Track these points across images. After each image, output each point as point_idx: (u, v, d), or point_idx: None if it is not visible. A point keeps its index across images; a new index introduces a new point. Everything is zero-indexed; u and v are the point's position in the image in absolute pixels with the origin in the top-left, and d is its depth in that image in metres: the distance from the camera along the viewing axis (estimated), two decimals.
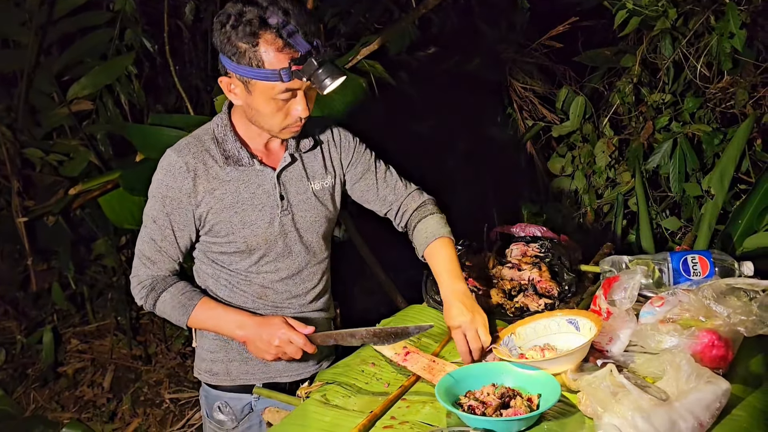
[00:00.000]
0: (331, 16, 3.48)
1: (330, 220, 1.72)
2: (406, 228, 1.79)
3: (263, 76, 1.44)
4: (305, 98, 1.51)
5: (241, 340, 1.60)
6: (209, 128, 1.63)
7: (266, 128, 1.56)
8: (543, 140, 3.16)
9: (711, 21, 2.64)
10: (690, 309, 1.45)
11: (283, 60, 1.43)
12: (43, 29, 3.32)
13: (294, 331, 1.53)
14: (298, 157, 1.65)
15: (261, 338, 1.55)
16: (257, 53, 1.42)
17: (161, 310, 1.62)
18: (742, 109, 2.70)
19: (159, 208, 1.58)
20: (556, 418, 1.30)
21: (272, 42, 1.42)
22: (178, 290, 1.61)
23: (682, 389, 1.25)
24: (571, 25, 3.02)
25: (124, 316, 3.62)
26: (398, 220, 1.79)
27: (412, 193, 1.79)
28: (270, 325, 1.55)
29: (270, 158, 1.63)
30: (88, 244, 3.64)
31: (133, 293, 1.66)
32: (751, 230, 2.42)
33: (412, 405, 1.40)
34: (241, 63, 1.45)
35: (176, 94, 3.43)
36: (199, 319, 1.60)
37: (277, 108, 1.50)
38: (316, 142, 1.68)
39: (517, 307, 1.73)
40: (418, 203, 1.77)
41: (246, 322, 1.58)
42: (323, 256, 1.73)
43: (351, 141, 1.74)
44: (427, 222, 1.72)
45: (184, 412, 3.20)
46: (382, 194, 1.77)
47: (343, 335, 1.58)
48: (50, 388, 3.38)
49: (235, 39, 1.43)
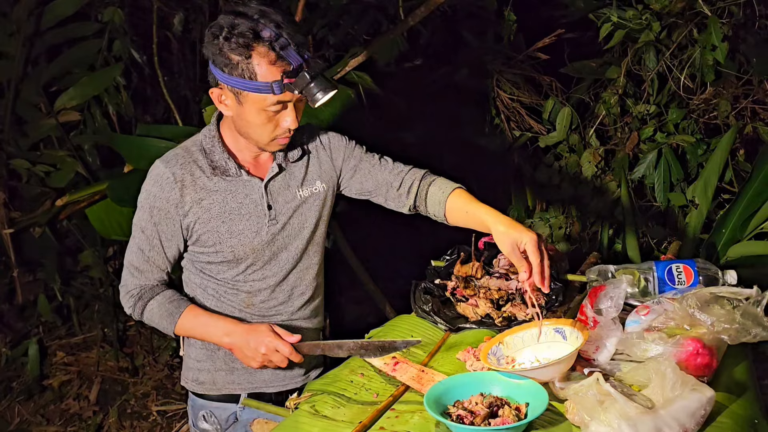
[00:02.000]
0: (319, 27, 3.50)
1: (319, 225, 1.72)
2: (415, 201, 1.73)
3: (255, 88, 1.46)
4: (295, 110, 1.52)
5: (227, 347, 1.60)
6: (197, 139, 1.64)
7: (255, 139, 1.57)
8: (530, 150, 3.19)
9: (694, 34, 2.69)
10: (675, 318, 1.46)
11: (276, 73, 1.45)
12: (30, 40, 3.31)
13: (280, 340, 1.54)
14: (285, 167, 1.67)
15: (248, 345, 1.55)
16: (250, 65, 1.44)
17: (149, 318, 1.63)
18: (725, 120, 2.75)
19: (147, 218, 1.59)
20: (544, 426, 1.31)
21: (265, 55, 1.44)
22: (165, 298, 1.62)
23: (668, 397, 1.26)
24: (558, 37, 3.06)
25: (110, 328, 3.59)
26: (403, 198, 1.73)
27: (412, 169, 1.76)
28: (257, 333, 1.55)
29: (258, 169, 1.65)
30: (74, 255, 3.61)
31: (122, 303, 1.67)
32: (735, 239, 2.45)
33: (401, 415, 1.41)
34: (234, 75, 1.46)
35: (164, 104, 3.43)
36: (185, 326, 1.60)
37: (267, 119, 1.52)
38: (304, 152, 1.70)
39: (505, 317, 1.74)
40: (421, 174, 1.74)
41: (233, 329, 1.58)
42: (311, 262, 1.73)
43: (340, 140, 1.75)
44: (438, 183, 1.71)
45: (172, 425, 3.17)
46: (380, 178, 1.74)
47: (330, 346, 1.58)
48: (35, 402, 3.33)
49: (227, 51, 1.45)
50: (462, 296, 1.82)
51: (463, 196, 1.67)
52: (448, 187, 1.70)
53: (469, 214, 1.63)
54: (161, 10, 3.35)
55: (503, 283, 1.84)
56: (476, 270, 1.89)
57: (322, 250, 1.77)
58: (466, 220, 1.65)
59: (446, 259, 2.03)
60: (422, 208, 1.75)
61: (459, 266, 1.91)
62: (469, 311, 1.78)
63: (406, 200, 1.74)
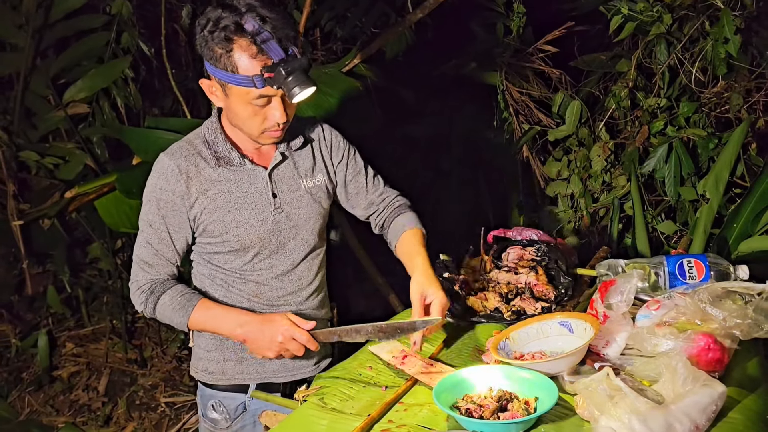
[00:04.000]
0: (327, 20, 3.49)
1: (323, 216, 1.74)
2: (381, 229, 1.85)
3: (238, 81, 1.46)
4: (283, 104, 1.52)
5: (240, 338, 1.59)
6: (200, 132, 1.65)
7: (246, 132, 1.58)
8: (539, 144, 3.17)
9: (706, 26, 2.66)
10: (686, 312, 1.45)
11: (256, 66, 1.44)
12: (39, 32, 3.31)
13: (297, 328, 1.53)
14: (289, 155, 1.68)
15: (263, 335, 1.54)
16: (231, 58, 1.45)
17: (161, 313, 1.62)
18: (736, 114, 2.72)
19: (154, 211, 1.60)
20: (553, 421, 1.30)
21: (246, 48, 1.44)
22: (177, 292, 1.61)
23: (679, 392, 1.25)
24: (567, 29, 3.03)
25: (119, 320, 3.61)
26: (377, 222, 1.85)
27: (397, 197, 1.85)
28: (273, 322, 1.55)
29: (261, 158, 1.66)
30: (83, 247, 3.63)
31: (133, 300, 1.65)
32: (746, 234, 2.43)
33: (410, 408, 1.40)
34: (218, 67, 1.47)
35: (173, 97, 3.43)
36: (198, 319, 1.60)
37: (254, 112, 1.52)
38: (306, 141, 1.71)
39: (514, 311, 1.73)
40: (398, 204, 1.84)
41: (247, 319, 1.58)
42: (317, 252, 1.75)
43: (342, 142, 1.77)
44: (404, 216, 1.79)
45: (180, 416, 3.19)
46: (370, 198, 1.82)
47: (348, 331, 1.56)
48: (45, 392, 3.36)
49: (211, 43, 1.46)
50: (471, 290, 1.82)
51: (414, 237, 1.73)
52: (409, 224, 1.77)
53: (406, 255, 1.70)
54: (169, 3, 3.34)
55: (512, 277, 1.84)
56: (485, 264, 1.89)
57: (325, 241, 1.79)
58: (404, 260, 1.72)
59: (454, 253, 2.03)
60: (385, 233, 1.84)
61: (468, 260, 1.90)
62: (478, 305, 1.77)
63: (377, 222, 1.85)
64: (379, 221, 1.85)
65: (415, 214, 1.81)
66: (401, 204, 1.84)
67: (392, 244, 1.79)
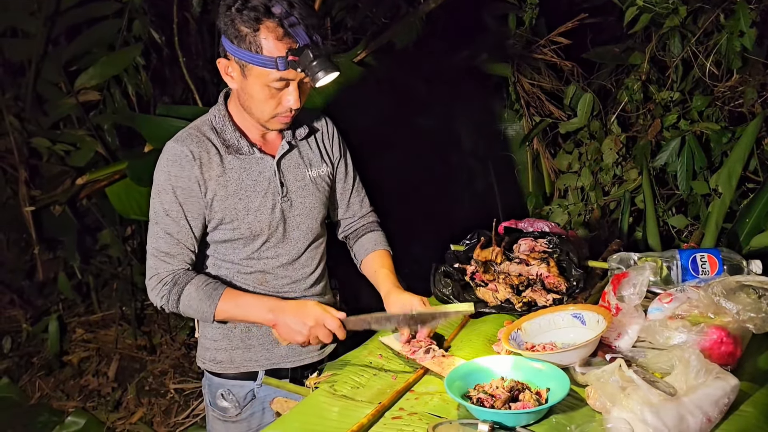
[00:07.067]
0: (338, 10, 3.48)
1: (325, 206, 1.76)
2: (347, 237, 1.90)
3: (260, 61, 1.48)
4: (298, 90, 1.54)
5: (270, 323, 1.58)
6: (207, 119, 1.65)
7: (257, 115, 1.59)
8: (550, 137, 3.15)
9: (721, 19, 2.63)
10: (699, 305, 1.45)
11: (282, 48, 1.47)
12: (51, 19, 3.32)
13: (329, 314, 1.53)
14: (295, 145, 1.69)
15: (295, 319, 1.54)
16: (257, 38, 1.46)
17: (186, 304, 1.58)
18: (750, 108, 2.69)
19: (171, 200, 1.58)
20: (565, 411, 1.31)
21: (273, 30, 1.46)
22: (202, 281, 1.59)
23: (691, 385, 1.25)
24: (580, 21, 3.01)
25: (129, 307, 3.64)
26: (345, 230, 1.89)
27: (372, 212, 1.90)
28: (305, 306, 1.56)
29: (268, 146, 1.67)
30: (94, 234, 3.65)
31: (152, 295, 1.61)
32: (759, 229, 2.41)
33: (421, 397, 1.41)
34: (241, 46, 1.48)
35: (183, 85, 3.43)
36: (225, 308, 1.59)
37: (270, 95, 1.53)
38: (310, 131, 1.73)
39: (525, 302, 1.73)
40: (371, 219, 1.89)
41: (279, 305, 1.58)
42: (320, 240, 1.77)
43: (341, 141, 1.81)
44: (374, 235, 1.86)
45: (189, 402, 3.22)
46: (351, 203, 1.86)
47: (378, 319, 1.57)
48: (55, 377, 3.39)
49: (238, 22, 1.47)
50: (482, 281, 1.82)
51: (383, 258, 1.81)
52: (379, 244, 1.84)
53: (376, 274, 1.77)
54: None
55: (523, 269, 1.84)
56: (496, 255, 1.89)
57: (326, 230, 1.81)
58: (372, 278, 1.79)
59: (466, 244, 2.03)
60: (350, 243, 1.90)
61: (479, 251, 1.90)
62: (488, 296, 1.78)
63: (342, 232, 1.90)
64: (348, 230, 1.88)
65: (382, 232, 1.88)
66: (373, 221, 1.89)
67: (357, 260, 1.86)
